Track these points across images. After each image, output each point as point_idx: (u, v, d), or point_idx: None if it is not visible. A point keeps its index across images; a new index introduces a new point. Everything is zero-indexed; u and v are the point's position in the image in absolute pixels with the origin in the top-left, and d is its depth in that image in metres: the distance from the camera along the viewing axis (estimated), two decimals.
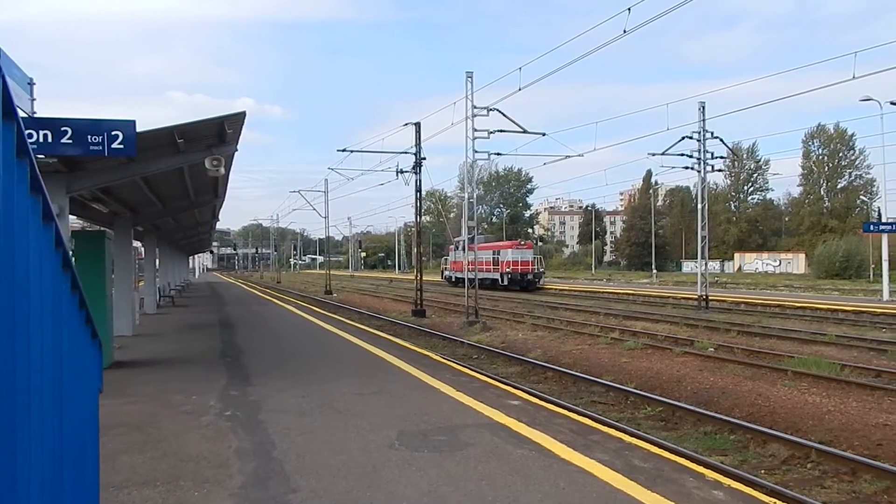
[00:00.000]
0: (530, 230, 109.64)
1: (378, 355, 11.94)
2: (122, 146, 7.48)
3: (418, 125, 26.65)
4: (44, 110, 8.52)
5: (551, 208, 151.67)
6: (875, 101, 30.79)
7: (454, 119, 24.09)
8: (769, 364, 12.88)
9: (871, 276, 51.95)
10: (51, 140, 7.24)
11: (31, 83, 8.22)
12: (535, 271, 44.29)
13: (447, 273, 52.44)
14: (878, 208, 56.58)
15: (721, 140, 28.56)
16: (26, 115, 7.76)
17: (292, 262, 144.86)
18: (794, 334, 17.92)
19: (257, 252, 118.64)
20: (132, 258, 18.17)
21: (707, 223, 29.22)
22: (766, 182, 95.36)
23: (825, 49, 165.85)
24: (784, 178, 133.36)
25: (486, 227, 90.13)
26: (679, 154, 28.51)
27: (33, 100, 8.25)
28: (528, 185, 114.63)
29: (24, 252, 1.79)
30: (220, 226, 48.64)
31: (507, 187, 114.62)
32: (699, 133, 27.61)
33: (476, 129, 22.50)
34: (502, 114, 22.76)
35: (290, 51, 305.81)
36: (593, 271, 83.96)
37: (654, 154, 29.39)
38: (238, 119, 10.36)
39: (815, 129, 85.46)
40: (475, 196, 25.01)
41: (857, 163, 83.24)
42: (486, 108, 22.55)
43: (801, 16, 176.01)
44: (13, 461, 1.60)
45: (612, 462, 5.46)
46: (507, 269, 43.38)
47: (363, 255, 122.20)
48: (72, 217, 14.89)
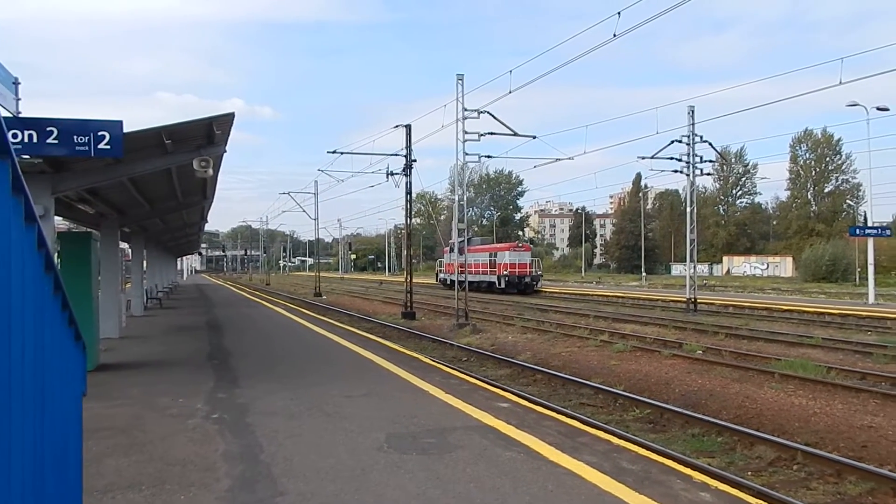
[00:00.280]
0: (521, 232, 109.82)
1: (367, 357, 11.90)
2: (108, 147, 7.42)
3: (409, 127, 26.64)
4: (31, 110, 8.46)
5: (542, 211, 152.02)
6: (861, 106, 31.06)
7: (445, 121, 24.05)
8: (756, 366, 12.96)
9: (857, 279, 52.43)
10: (36, 140, 7.17)
11: (15, 83, 8.15)
12: (533, 274, 43.45)
13: (442, 276, 52.01)
14: (865, 212, 57.16)
15: (710, 144, 28.79)
16: (10, 115, 7.70)
17: (282, 264, 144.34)
18: (781, 337, 18.04)
19: (246, 254, 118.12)
20: (119, 260, 18.04)
21: (696, 226, 29.39)
22: (755, 186, 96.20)
23: (815, 54, 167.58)
24: (772, 182, 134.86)
25: (476, 229, 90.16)
26: (668, 157, 28.69)
27: (18, 99, 8.18)
28: (519, 188, 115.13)
29: (5, 253, 1.77)
30: (208, 227, 48.41)
31: (497, 190, 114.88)
32: (688, 137, 27.78)
33: (467, 132, 22.54)
34: (493, 116, 22.82)
35: (281, 52, 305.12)
36: (583, 274, 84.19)
37: (643, 157, 29.47)
38: (227, 120, 10.30)
39: (802, 133, 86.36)
40: (466, 198, 25.00)
41: (844, 167, 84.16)
42: (476, 110, 22.57)
43: (793, 20, 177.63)
44: None
45: (600, 464, 5.46)
46: (505, 272, 42.63)
47: (353, 257, 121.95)
48: (58, 218, 14.77)
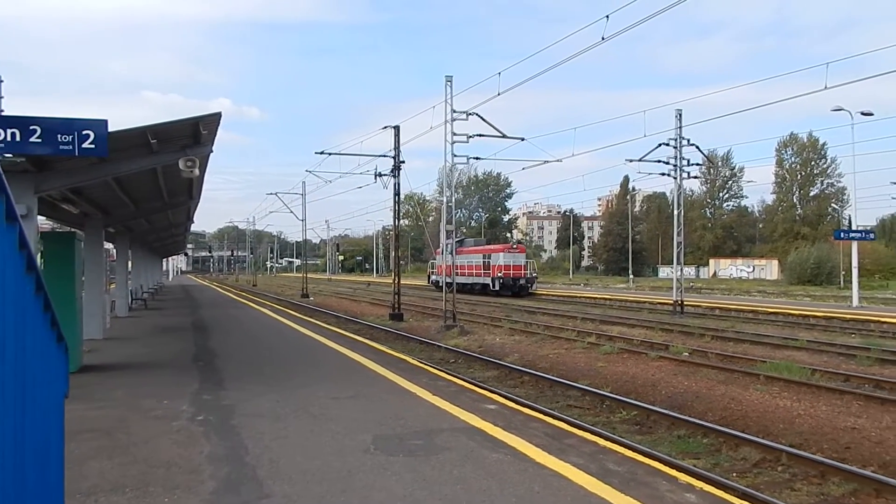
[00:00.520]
0: (509, 234, 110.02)
1: (354, 359, 11.87)
2: (93, 146, 7.34)
3: (397, 128, 26.63)
4: (14, 108, 8.36)
5: (530, 213, 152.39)
6: (846, 111, 31.42)
7: (433, 123, 24.04)
8: (742, 368, 13.04)
9: (841, 282, 52.94)
10: (19, 139, 7.08)
11: None
12: (528, 276, 42.77)
13: (434, 277, 51.25)
14: (849, 216, 57.64)
15: (697, 147, 29.03)
16: None
17: (269, 265, 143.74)
18: (766, 339, 18.18)
19: (233, 255, 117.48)
20: (103, 260, 17.87)
21: (683, 229, 29.56)
22: (741, 189, 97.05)
23: (800, 58, 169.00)
24: (758, 186, 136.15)
25: (464, 230, 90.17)
26: (656, 160, 28.86)
27: (0, 97, 8.08)
28: (507, 190, 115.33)
29: None
30: (194, 228, 48.14)
31: (486, 191, 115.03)
32: (676, 140, 27.95)
33: (455, 133, 22.55)
34: (481, 118, 22.83)
35: (268, 52, 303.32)
36: (571, 276, 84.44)
37: (631, 160, 29.63)
38: (213, 120, 10.23)
39: (788, 137, 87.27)
40: (454, 200, 25.00)
41: (829, 171, 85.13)
42: (465, 112, 22.59)
43: (778, 25, 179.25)
44: None
45: (586, 466, 5.47)
46: (499, 274, 41.91)
47: (341, 258, 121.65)
48: (41, 218, 14.62)
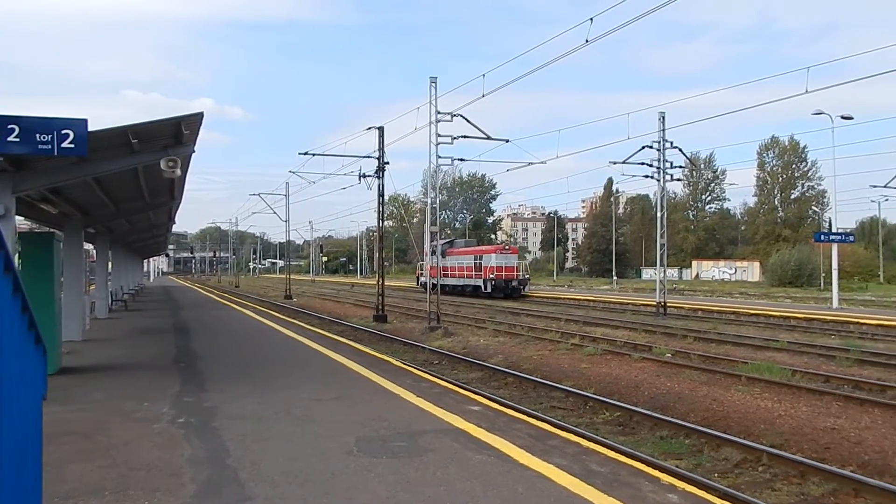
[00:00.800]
0: (493, 236, 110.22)
1: (338, 361, 11.82)
2: (72, 145, 7.24)
3: (381, 129, 26.59)
4: None
5: (514, 214, 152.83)
6: (826, 114, 31.78)
7: (418, 124, 24.03)
8: (724, 370, 13.15)
9: (821, 284, 53.61)
10: None
11: None
12: (521, 278, 41.90)
13: (423, 279, 51.05)
14: (829, 219, 58.48)
15: (680, 150, 29.22)
16: None
17: (252, 266, 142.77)
18: (748, 340, 18.35)
19: (215, 255, 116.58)
20: (83, 261, 17.66)
21: (666, 231, 29.80)
22: (723, 192, 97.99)
23: (782, 63, 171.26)
24: (740, 188, 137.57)
25: (448, 232, 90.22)
26: (639, 163, 29.03)
27: None
28: (492, 191, 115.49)
29: None
30: (176, 228, 47.70)
31: (470, 193, 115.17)
32: (659, 142, 28.15)
33: (440, 135, 22.53)
34: (466, 119, 22.84)
35: (252, 51, 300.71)
36: (555, 278, 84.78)
37: (615, 162, 29.79)
38: (196, 120, 10.13)
39: (769, 140, 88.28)
40: (439, 201, 25.00)
41: (810, 174, 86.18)
42: (450, 113, 22.59)
43: (760, 29, 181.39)
44: None
45: (569, 467, 5.48)
46: (491, 276, 41.02)
47: (325, 259, 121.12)
48: (19, 218, 14.40)
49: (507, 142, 25.01)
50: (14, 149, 7.25)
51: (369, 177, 27.49)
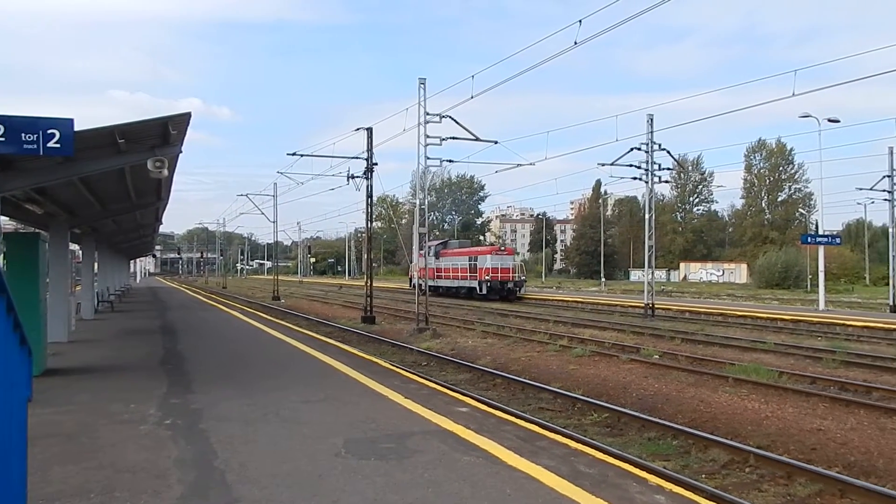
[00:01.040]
0: (482, 237, 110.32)
1: (326, 362, 11.78)
2: (58, 145, 7.17)
3: (370, 130, 26.58)
4: None
5: (503, 216, 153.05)
6: (813, 117, 32.01)
7: (407, 125, 24.10)
8: (711, 371, 13.23)
9: (808, 286, 54.12)
10: None
11: None
12: (517, 279, 41.19)
13: (415, 280, 50.53)
14: (816, 221, 58.96)
15: (668, 152, 29.37)
16: None
17: (239, 267, 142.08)
18: (735, 342, 18.47)
19: (202, 256, 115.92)
20: (68, 262, 17.50)
21: (654, 233, 29.94)
22: (711, 194, 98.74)
23: (769, 65, 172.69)
24: (728, 191, 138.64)
25: (437, 233, 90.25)
26: (628, 165, 29.16)
27: None
28: (481, 193, 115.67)
29: None
30: (163, 229, 47.31)
31: (459, 194, 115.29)
32: (647, 145, 28.28)
33: (428, 136, 22.52)
34: (455, 121, 22.83)
35: (239, 51, 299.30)
36: (543, 279, 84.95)
37: (603, 164, 29.93)
38: (183, 120, 10.07)
39: (756, 143, 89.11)
40: (427, 202, 24.99)
41: (797, 177, 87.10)
42: (438, 114, 22.58)
43: (747, 32, 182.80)
44: None
45: (557, 468, 5.49)
46: (486, 277, 40.18)
47: (313, 260, 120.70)
48: (3, 218, 14.27)
49: (496, 143, 25.11)
50: None
51: (358, 178, 27.48)
